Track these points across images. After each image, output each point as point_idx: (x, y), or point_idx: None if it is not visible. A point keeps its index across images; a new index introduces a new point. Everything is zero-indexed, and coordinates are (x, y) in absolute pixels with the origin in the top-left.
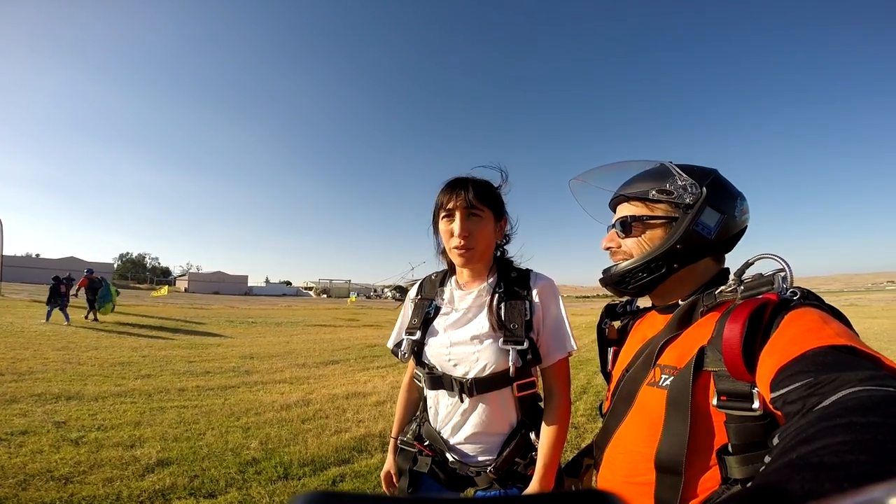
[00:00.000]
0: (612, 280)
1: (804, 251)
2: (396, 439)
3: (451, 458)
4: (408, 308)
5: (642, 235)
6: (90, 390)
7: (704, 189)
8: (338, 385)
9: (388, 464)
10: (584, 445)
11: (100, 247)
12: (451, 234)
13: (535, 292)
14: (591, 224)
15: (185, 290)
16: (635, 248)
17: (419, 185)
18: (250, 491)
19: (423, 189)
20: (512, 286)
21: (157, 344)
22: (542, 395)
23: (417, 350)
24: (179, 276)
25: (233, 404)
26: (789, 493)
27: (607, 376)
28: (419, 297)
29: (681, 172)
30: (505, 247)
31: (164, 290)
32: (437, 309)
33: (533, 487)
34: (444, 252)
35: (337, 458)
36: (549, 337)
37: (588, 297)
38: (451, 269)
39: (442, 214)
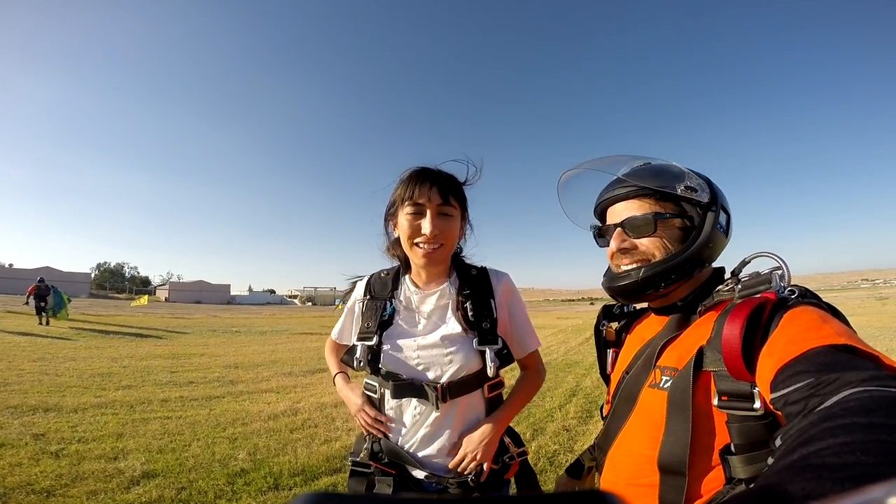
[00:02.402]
0: (639, 285)
1: (781, 251)
2: (340, 373)
3: (422, 475)
4: (355, 309)
5: (664, 235)
6: (69, 402)
7: (714, 189)
8: (326, 393)
9: (357, 397)
10: (576, 448)
11: (77, 256)
12: (417, 231)
13: (499, 291)
14: (576, 231)
15: (166, 300)
16: (658, 248)
17: None
18: (240, 502)
19: None
20: (475, 285)
21: (138, 354)
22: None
23: (373, 357)
24: (160, 285)
25: (218, 415)
26: (791, 494)
27: (606, 379)
28: (368, 297)
29: (692, 172)
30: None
31: (144, 299)
32: (394, 311)
33: (486, 429)
34: (394, 247)
35: (328, 468)
36: (518, 333)
37: (573, 300)
38: (405, 267)
39: (407, 208)
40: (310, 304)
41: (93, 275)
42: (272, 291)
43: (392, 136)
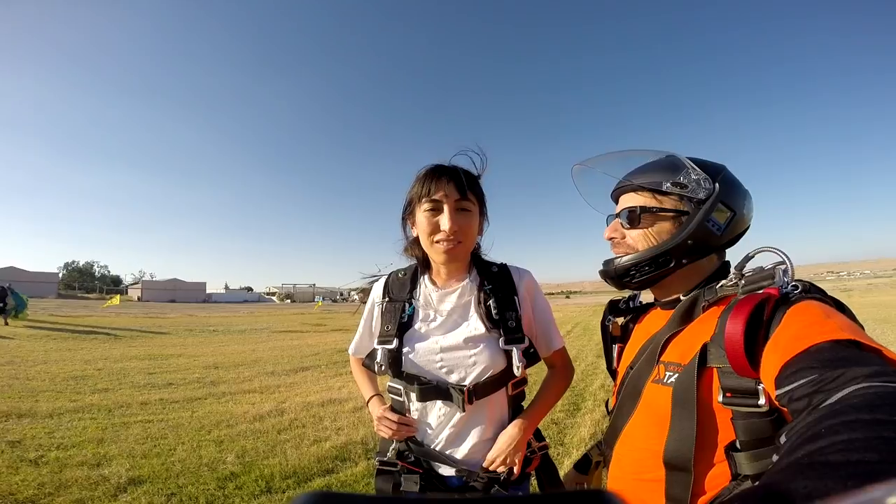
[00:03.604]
0: (615, 273)
1: (747, 244)
2: (375, 395)
3: (448, 472)
4: (374, 312)
5: (650, 228)
6: (43, 407)
7: (717, 185)
8: (311, 392)
9: (377, 407)
10: (566, 441)
11: (43, 255)
12: (436, 228)
13: (522, 288)
14: (553, 225)
15: (139, 299)
16: (641, 240)
17: (383, 185)
18: None
19: (387, 188)
20: (497, 282)
21: (113, 356)
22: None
23: (394, 360)
24: (131, 284)
25: (202, 417)
26: (794, 492)
27: (613, 374)
28: (387, 299)
29: (694, 166)
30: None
31: (116, 299)
32: (414, 312)
33: (513, 433)
34: (413, 246)
35: (320, 469)
36: (542, 332)
37: (553, 293)
38: (423, 266)
39: (425, 206)
40: (289, 301)
41: (60, 274)
42: (249, 289)
43: (373, 128)
